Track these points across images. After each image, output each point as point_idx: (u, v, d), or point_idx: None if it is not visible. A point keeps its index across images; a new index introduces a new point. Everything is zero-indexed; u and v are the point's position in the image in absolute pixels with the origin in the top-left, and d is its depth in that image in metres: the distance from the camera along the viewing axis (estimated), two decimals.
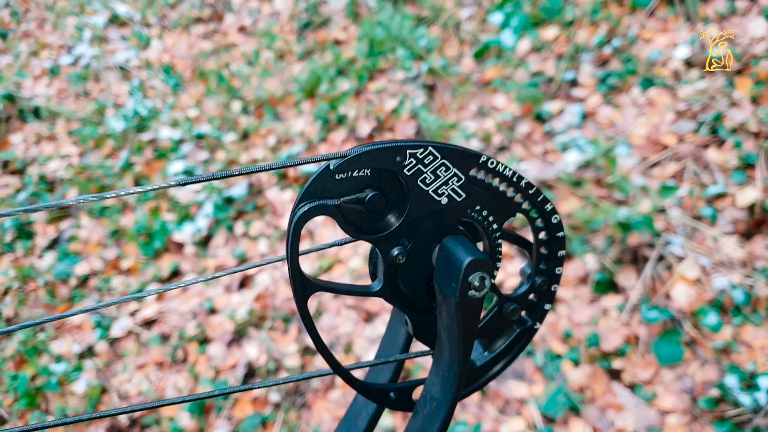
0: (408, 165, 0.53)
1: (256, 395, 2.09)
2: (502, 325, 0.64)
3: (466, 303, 0.53)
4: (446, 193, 0.56)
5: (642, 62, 2.50)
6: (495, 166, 0.56)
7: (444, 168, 0.55)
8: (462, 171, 0.55)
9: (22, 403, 2.24)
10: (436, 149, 0.54)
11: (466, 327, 0.55)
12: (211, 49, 3.46)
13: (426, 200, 0.55)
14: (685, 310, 1.91)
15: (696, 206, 2.10)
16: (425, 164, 0.54)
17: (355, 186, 0.54)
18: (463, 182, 0.56)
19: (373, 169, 0.54)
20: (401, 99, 2.76)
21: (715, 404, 1.76)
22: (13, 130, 3.38)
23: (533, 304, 0.64)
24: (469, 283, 0.53)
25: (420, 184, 0.54)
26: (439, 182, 0.55)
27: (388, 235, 0.56)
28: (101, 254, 2.68)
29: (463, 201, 0.56)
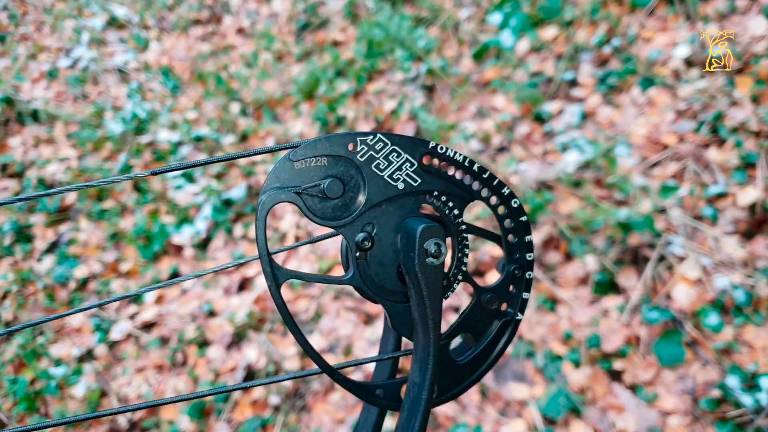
0: (360, 151, 0.57)
1: (256, 398, 2.09)
2: (484, 318, 0.63)
3: (425, 270, 0.55)
4: (401, 178, 0.58)
5: (642, 62, 2.49)
6: (445, 152, 0.59)
7: (395, 154, 0.58)
8: (413, 156, 0.58)
9: (21, 407, 2.23)
10: (385, 136, 0.57)
11: (430, 295, 0.56)
12: (210, 51, 3.45)
13: (383, 185, 0.58)
14: (686, 310, 1.90)
15: (697, 206, 2.09)
16: (377, 150, 0.57)
17: (314, 175, 0.57)
18: (416, 168, 0.58)
19: (330, 159, 0.57)
20: (400, 100, 2.75)
21: (716, 405, 1.75)
22: (12, 133, 3.37)
23: (512, 295, 0.63)
24: (425, 250, 0.55)
25: (374, 169, 0.57)
26: (393, 167, 0.58)
27: (351, 221, 0.58)
28: (100, 257, 2.67)
29: (419, 186, 0.59)
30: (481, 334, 0.64)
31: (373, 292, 0.59)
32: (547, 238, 2.18)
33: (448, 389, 0.62)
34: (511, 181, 2.32)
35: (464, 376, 0.63)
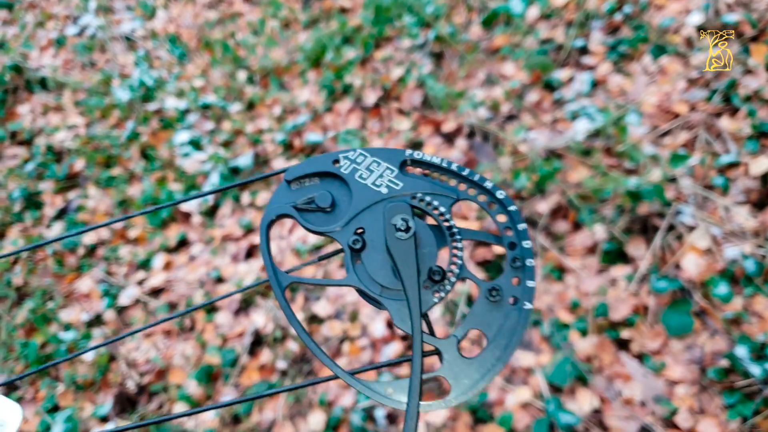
0: (344, 165, 0.64)
1: (263, 363, 2.10)
2: (492, 312, 0.62)
3: (395, 245, 0.57)
4: (384, 184, 0.63)
5: (654, 29, 2.46)
6: (421, 157, 0.64)
7: (376, 164, 0.64)
8: (392, 164, 0.64)
9: (32, 370, 2.25)
10: (365, 150, 0.65)
11: (403, 266, 0.57)
12: (217, 19, 3.42)
13: (367, 192, 0.63)
14: (695, 280, 1.89)
15: (707, 175, 2.07)
16: (358, 162, 0.64)
17: (307, 192, 0.64)
18: (396, 173, 0.64)
19: (319, 177, 0.65)
20: (408, 67, 2.72)
21: (724, 375, 1.75)
22: (21, 101, 3.37)
23: (517, 287, 0.63)
24: (393, 225, 0.57)
25: (358, 179, 0.64)
26: (375, 175, 0.64)
27: (342, 226, 0.63)
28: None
29: (402, 189, 0.63)
30: (490, 329, 0.63)
31: (372, 291, 0.61)
32: (555, 207, 2.16)
33: (468, 387, 0.60)
34: (520, 150, 2.30)
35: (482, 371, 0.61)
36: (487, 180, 0.64)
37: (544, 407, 1.81)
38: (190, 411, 0.64)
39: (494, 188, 0.63)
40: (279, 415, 1.99)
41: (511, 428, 1.79)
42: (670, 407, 1.73)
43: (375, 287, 0.61)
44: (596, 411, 1.78)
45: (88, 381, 2.20)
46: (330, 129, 2.68)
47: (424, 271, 0.61)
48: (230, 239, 2.46)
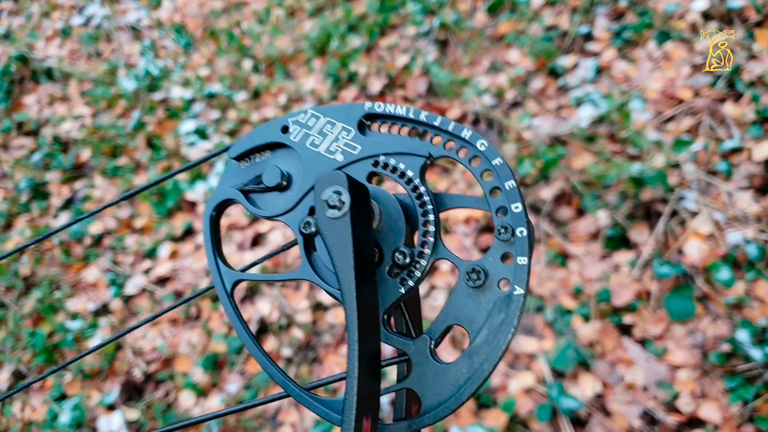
0: (293, 132, 0.53)
1: (268, 350, 2.11)
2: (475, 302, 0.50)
3: (327, 226, 0.45)
4: (339, 150, 0.53)
5: (658, 15, 2.44)
6: (383, 109, 0.53)
7: (330, 125, 0.53)
8: (349, 123, 0.53)
9: (40, 359, 2.28)
10: (317, 110, 0.53)
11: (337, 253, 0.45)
12: (222, 8, 3.43)
13: (320, 162, 0.53)
14: (698, 265, 1.89)
15: (711, 161, 2.07)
16: (309, 126, 0.53)
17: (259, 169, 0.54)
18: (354, 134, 0.53)
19: (271, 149, 0.54)
20: (413, 55, 2.72)
21: (726, 359, 1.75)
22: (27, 91, 3.39)
23: (507, 266, 0.49)
24: (325, 202, 0.45)
25: (309, 147, 0.53)
26: (329, 140, 0.53)
27: (292, 207, 0.54)
28: (115, 213, 2.70)
29: (361, 153, 0.53)
30: (474, 324, 0.49)
31: (329, 284, 0.52)
32: (559, 193, 2.16)
33: (444, 399, 0.48)
34: (525, 137, 2.30)
35: (462, 379, 0.48)
36: (465, 128, 0.51)
37: (547, 392, 1.82)
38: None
39: (474, 137, 0.51)
40: (284, 401, 2.00)
41: (514, 413, 1.80)
42: (672, 392, 1.73)
43: (334, 280, 0.52)
44: (599, 396, 1.79)
45: (95, 370, 2.23)
46: None
47: (388, 254, 0.51)
48: (236, 228, 2.48)
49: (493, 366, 0.47)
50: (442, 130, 0.52)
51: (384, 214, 0.52)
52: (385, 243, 0.52)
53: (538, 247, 2.09)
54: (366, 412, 0.44)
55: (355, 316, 0.44)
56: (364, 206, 0.48)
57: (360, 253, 0.46)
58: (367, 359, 0.45)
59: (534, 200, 2.18)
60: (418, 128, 0.53)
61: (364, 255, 0.47)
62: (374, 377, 0.46)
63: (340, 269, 0.45)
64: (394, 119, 0.53)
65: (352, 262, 0.45)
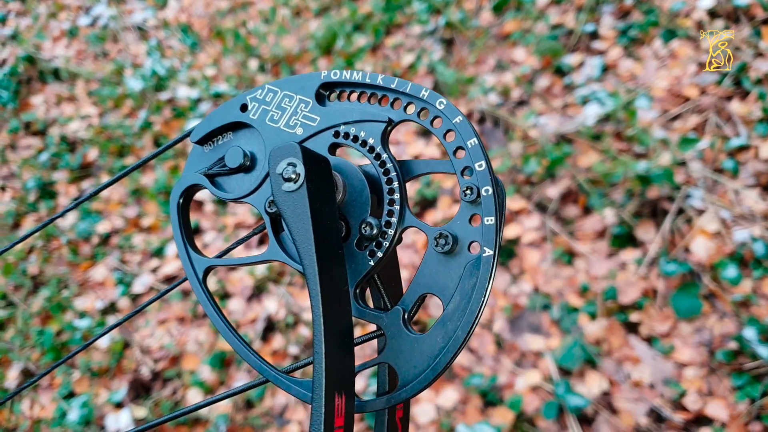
0: (252, 109, 0.53)
1: (276, 348, 2.12)
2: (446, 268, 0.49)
3: (283, 200, 0.45)
4: (299, 123, 0.52)
5: (664, 13, 2.44)
6: (339, 77, 0.52)
7: (287, 99, 0.52)
8: (306, 95, 0.52)
9: (48, 357, 2.29)
10: (274, 84, 0.52)
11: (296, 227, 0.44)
12: (228, 8, 3.44)
13: (281, 137, 0.52)
14: (705, 263, 1.89)
15: (717, 159, 2.07)
16: (268, 102, 0.52)
17: (222, 151, 0.54)
18: (312, 106, 0.52)
19: (232, 131, 0.54)
20: (418, 54, 2.73)
21: (733, 357, 1.75)
22: (34, 91, 3.40)
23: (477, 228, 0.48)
24: (279, 175, 0.45)
25: (269, 123, 0.52)
26: (287, 114, 0.52)
27: (257, 187, 0.53)
28: (122, 213, 2.71)
29: (320, 124, 0.52)
30: (446, 291, 0.48)
31: (298, 262, 0.51)
32: (565, 191, 2.17)
33: (420, 371, 0.47)
34: (531, 135, 2.30)
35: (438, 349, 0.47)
36: (424, 88, 0.50)
37: (554, 390, 1.82)
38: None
39: (432, 96, 0.50)
40: (291, 399, 2.01)
41: (520, 411, 1.81)
42: (679, 389, 1.73)
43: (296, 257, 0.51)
44: (605, 393, 1.79)
45: (103, 368, 2.24)
46: None
47: (355, 227, 0.50)
48: (242, 227, 2.48)
49: (467, 333, 0.46)
50: (400, 92, 0.51)
51: (348, 186, 0.51)
52: (351, 215, 0.51)
53: (545, 245, 2.09)
54: (338, 389, 0.43)
55: (318, 290, 0.43)
56: (324, 178, 0.47)
57: (320, 226, 0.45)
58: (336, 335, 0.44)
59: (540, 198, 2.18)
60: (377, 93, 0.52)
61: (326, 228, 0.46)
62: (346, 353, 0.45)
63: (299, 243, 0.44)
64: (352, 86, 0.52)
65: (311, 236, 0.44)
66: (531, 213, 2.17)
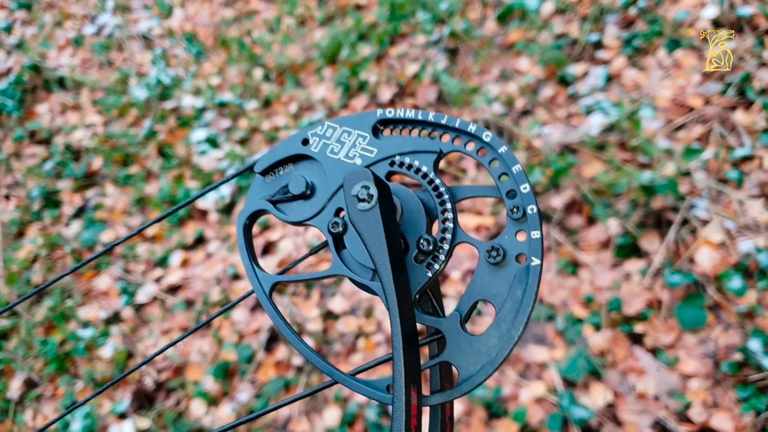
0: (313, 143, 0.58)
1: (279, 359, 2.12)
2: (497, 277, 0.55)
3: (359, 218, 0.50)
4: (358, 154, 0.58)
5: (668, 23, 2.44)
6: (394, 115, 0.58)
7: (346, 134, 0.58)
8: (363, 130, 0.58)
9: (52, 368, 2.29)
10: (333, 121, 0.58)
11: (371, 241, 0.50)
12: (233, 17, 3.45)
13: (341, 167, 0.58)
14: (709, 274, 1.88)
15: (722, 169, 2.06)
16: (328, 137, 0.58)
17: (284, 181, 0.60)
18: (369, 139, 0.58)
19: (292, 163, 0.60)
20: (423, 63, 2.73)
21: (738, 368, 1.74)
22: (39, 100, 3.41)
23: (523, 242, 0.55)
24: (355, 197, 0.50)
25: (330, 155, 0.58)
26: (347, 147, 0.58)
27: (319, 211, 0.58)
28: (126, 222, 2.71)
29: (377, 155, 0.58)
30: (498, 297, 0.54)
31: (361, 277, 0.56)
32: (569, 201, 2.16)
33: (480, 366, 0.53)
34: (535, 145, 2.30)
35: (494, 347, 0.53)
36: (471, 123, 0.56)
37: (558, 402, 1.81)
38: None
39: (479, 130, 0.56)
40: (295, 411, 2.01)
41: (525, 423, 1.80)
42: (684, 401, 1.73)
43: (364, 273, 0.56)
44: (610, 405, 1.79)
45: (106, 378, 2.24)
46: None
47: (412, 243, 0.56)
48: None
49: (519, 332, 0.52)
50: (449, 128, 0.57)
51: (404, 208, 0.57)
52: (408, 233, 0.57)
53: (549, 255, 2.09)
54: (413, 384, 0.49)
55: (394, 296, 0.49)
56: (389, 200, 0.53)
57: (391, 239, 0.50)
58: (408, 336, 0.49)
59: (544, 208, 2.18)
60: (427, 129, 0.58)
61: (394, 242, 0.51)
62: (415, 353, 0.51)
63: (375, 255, 0.50)
64: (405, 122, 0.59)
65: (385, 247, 0.49)
66: None
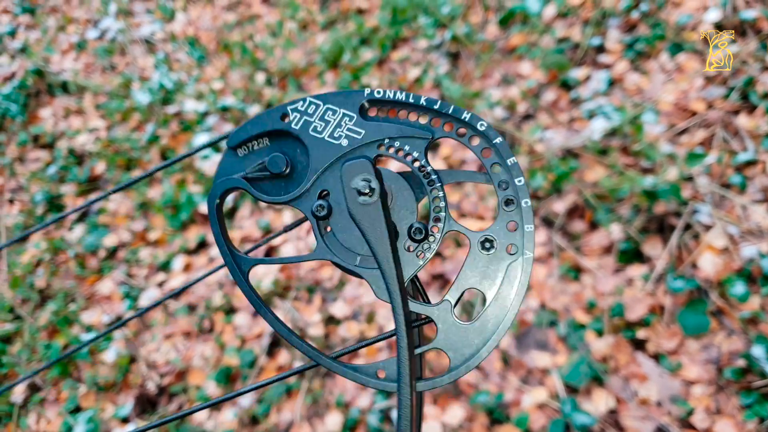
0: (294, 119, 0.55)
1: (281, 364, 2.12)
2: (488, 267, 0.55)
3: (359, 211, 0.51)
4: (343, 135, 0.55)
5: (671, 27, 2.44)
6: (383, 95, 0.55)
7: (330, 112, 0.55)
8: (350, 109, 0.55)
9: (55, 372, 2.29)
10: (316, 97, 0.55)
11: (373, 235, 0.51)
12: (235, 21, 3.45)
13: (325, 147, 0.55)
14: (712, 279, 1.88)
15: (725, 174, 2.06)
16: (310, 114, 0.55)
17: (258, 157, 0.56)
18: (356, 120, 0.55)
19: (270, 137, 0.56)
20: (424, 67, 2.73)
21: (741, 375, 1.74)
22: (43, 104, 3.42)
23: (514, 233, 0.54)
24: (355, 190, 0.50)
25: (312, 133, 0.55)
26: (331, 126, 0.55)
27: (303, 192, 0.56)
28: (129, 226, 2.71)
29: (365, 137, 0.55)
30: (489, 286, 0.55)
31: (347, 262, 0.55)
32: (572, 206, 2.16)
33: (474, 351, 0.53)
34: (537, 149, 2.30)
35: (485, 336, 0.54)
36: (465, 111, 0.54)
37: (560, 408, 1.81)
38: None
39: (473, 118, 0.54)
40: (297, 415, 2.01)
41: (527, 429, 1.80)
42: (687, 407, 1.72)
43: (350, 257, 0.55)
44: (612, 411, 1.78)
45: (109, 382, 2.24)
46: None
47: (403, 231, 0.55)
48: (249, 240, 2.49)
49: (511, 320, 0.53)
50: (443, 113, 0.55)
51: (395, 193, 0.56)
52: (399, 220, 0.55)
53: (551, 261, 2.09)
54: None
55: (397, 287, 0.50)
56: (383, 188, 0.52)
57: (391, 232, 0.51)
58: (407, 323, 0.51)
59: (547, 213, 2.18)
60: (418, 112, 0.56)
61: (395, 233, 0.53)
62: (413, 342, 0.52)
63: (376, 248, 0.50)
64: (395, 104, 0.56)
65: (387, 241, 0.50)
66: (537, 228, 2.16)
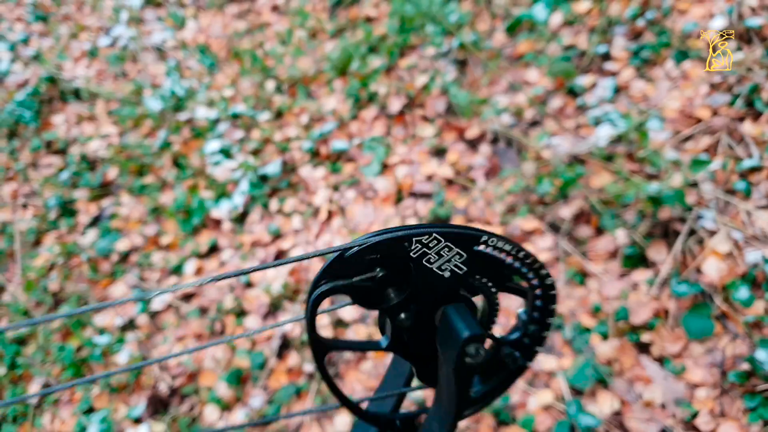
0: (414, 249, 0.58)
1: (291, 366, 2.15)
2: (498, 365, 0.67)
3: (462, 369, 0.58)
4: (449, 269, 0.60)
5: (676, 34, 2.47)
6: (495, 243, 0.60)
7: (447, 249, 0.59)
8: (464, 250, 0.60)
9: (68, 373, 2.33)
10: (440, 234, 0.58)
11: (461, 388, 0.60)
12: (246, 29, 3.50)
13: (430, 275, 0.60)
14: (716, 284, 1.90)
15: (729, 180, 2.08)
16: (429, 247, 0.59)
17: (365, 266, 0.59)
18: (464, 259, 0.60)
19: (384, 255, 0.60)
20: (432, 75, 2.77)
21: (745, 378, 1.76)
22: (56, 111, 3.47)
23: (526, 346, 0.66)
24: (466, 352, 0.57)
25: (425, 263, 0.59)
26: (443, 260, 0.60)
27: (398, 305, 0.61)
28: (141, 231, 2.76)
29: (464, 273, 0.61)
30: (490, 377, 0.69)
31: (406, 354, 0.65)
32: (578, 212, 2.19)
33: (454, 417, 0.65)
34: (544, 155, 2.33)
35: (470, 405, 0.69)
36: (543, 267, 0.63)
37: (566, 410, 1.83)
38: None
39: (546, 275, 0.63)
40: (306, 416, 2.03)
41: (533, 430, 1.82)
42: (691, 410, 1.75)
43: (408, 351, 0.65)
44: (617, 413, 1.81)
45: (122, 384, 2.28)
46: (355, 136, 2.73)
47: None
48: (259, 245, 2.52)
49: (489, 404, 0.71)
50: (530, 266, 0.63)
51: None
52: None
53: (558, 265, 2.11)
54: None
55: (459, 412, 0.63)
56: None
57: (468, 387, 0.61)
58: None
59: (553, 219, 2.21)
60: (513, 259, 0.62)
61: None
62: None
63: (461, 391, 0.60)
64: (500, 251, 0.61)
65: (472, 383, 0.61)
66: (544, 233, 2.19)
